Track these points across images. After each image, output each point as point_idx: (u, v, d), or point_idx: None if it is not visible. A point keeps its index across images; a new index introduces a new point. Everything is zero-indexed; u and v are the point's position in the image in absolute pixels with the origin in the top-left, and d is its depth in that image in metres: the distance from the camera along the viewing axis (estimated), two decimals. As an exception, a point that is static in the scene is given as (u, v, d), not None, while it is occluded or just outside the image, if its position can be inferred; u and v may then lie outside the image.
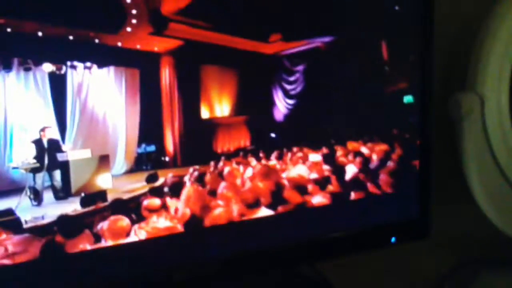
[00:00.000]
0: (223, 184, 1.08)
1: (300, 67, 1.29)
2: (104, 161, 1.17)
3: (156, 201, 1.01)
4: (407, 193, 1.04)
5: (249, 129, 1.30)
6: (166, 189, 1.07)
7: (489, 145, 0.98)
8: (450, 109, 1.00)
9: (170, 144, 1.28)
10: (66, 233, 0.93)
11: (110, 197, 1.07)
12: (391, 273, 1.17)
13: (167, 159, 1.26)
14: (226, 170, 1.15)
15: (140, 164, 1.26)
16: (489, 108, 0.96)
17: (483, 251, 1.22)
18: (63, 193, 1.13)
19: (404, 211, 1.04)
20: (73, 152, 1.16)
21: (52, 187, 1.14)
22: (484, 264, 1.20)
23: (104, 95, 1.25)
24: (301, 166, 1.13)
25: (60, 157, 1.14)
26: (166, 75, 1.26)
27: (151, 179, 1.21)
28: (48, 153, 1.13)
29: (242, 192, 1.04)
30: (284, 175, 1.13)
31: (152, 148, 1.25)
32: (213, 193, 1.06)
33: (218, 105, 1.31)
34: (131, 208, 0.99)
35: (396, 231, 1.02)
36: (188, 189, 1.03)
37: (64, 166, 1.15)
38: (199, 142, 1.29)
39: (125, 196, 1.07)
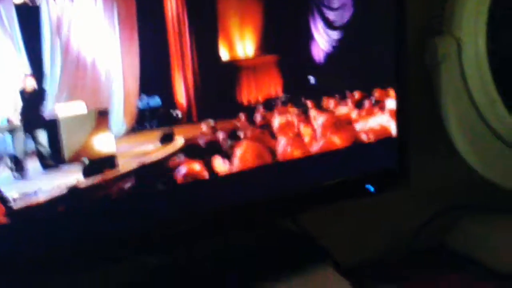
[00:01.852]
0: (282, 142, 0.88)
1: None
2: (103, 117, 0.94)
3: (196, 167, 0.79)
4: (386, 142, 1.05)
5: (281, 72, 1.08)
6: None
7: (467, 89, 1.01)
8: (427, 54, 1.03)
9: (181, 94, 1.05)
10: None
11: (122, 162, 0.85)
12: (370, 224, 1.24)
13: (179, 113, 1.03)
14: (277, 122, 0.93)
15: (143, 121, 1.03)
16: (466, 51, 0.98)
17: (463, 199, 1.26)
18: (53, 160, 0.89)
19: (383, 160, 1.06)
20: (62, 106, 0.92)
21: (37, 152, 0.90)
22: (464, 211, 1.24)
23: (91, 31, 1.00)
24: (381, 115, 0.95)
25: (44, 113, 0.90)
26: (172, 4, 1.03)
27: (166, 139, 1.01)
28: (26, 109, 0.89)
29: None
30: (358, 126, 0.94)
31: (157, 101, 1.03)
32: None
33: (241, 43, 1.09)
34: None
35: (376, 181, 1.04)
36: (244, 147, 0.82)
37: (51, 125, 0.91)
38: (219, 90, 1.08)
39: (147, 160, 0.85)
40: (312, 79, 1.11)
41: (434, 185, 1.28)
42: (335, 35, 1.12)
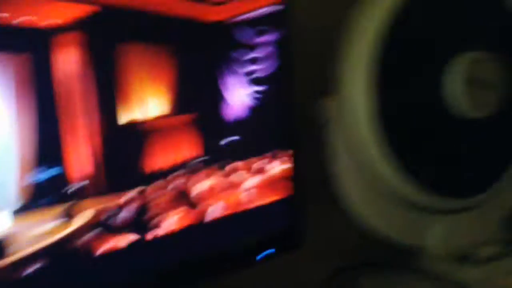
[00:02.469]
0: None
1: (269, 37, 1.03)
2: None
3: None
4: (278, 204, 1.05)
5: (199, 132, 1.00)
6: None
7: (356, 146, 1.03)
8: (314, 113, 1.06)
9: (85, 164, 0.93)
10: None
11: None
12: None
13: (83, 185, 0.92)
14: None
15: (42, 195, 0.90)
16: (353, 110, 1.01)
17: (360, 257, 1.26)
18: None
19: (277, 222, 1.05)
20: None
21: None
22: (362, 270, 1.24)
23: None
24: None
25: None
26: (71, 64, 0.91)
27: (70, 214, 0.90)
28: None
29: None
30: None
31: (56, 172, 0.90)
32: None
33: (150, 102, 0.99)
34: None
35: (269, 244, 1.04)
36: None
37: None
38: (129, 157, 0.98)
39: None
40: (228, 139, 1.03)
41: (331, 245, 1.30)
42: (255, 89, 1.05)
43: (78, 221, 0.89)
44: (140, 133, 0.98)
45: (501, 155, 1.16)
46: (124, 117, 0.96)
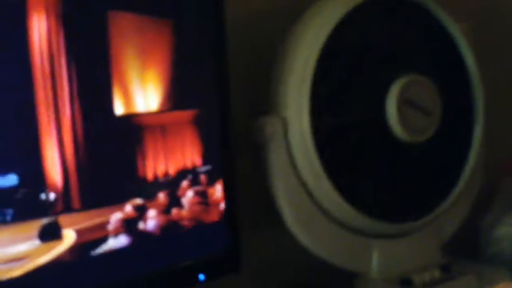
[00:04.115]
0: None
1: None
2: None
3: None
4: (213, 226, 1.00)
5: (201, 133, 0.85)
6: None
7: (294, 166, 1.06)
8: (253, 133, 1.05)
9: (55, 169, 0.74)
10: None
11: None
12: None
13: (51, 196, 0.73)
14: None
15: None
16: (292, 129, 1.04)
17: (299, 277, 1.26)
18: None
19: (212, 245, 1.00)
20: None
21: None
22: None
23: None
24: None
25: None
26: (42, 35, 0.72)
27: (50, 233, 0.72)
28: None
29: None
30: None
31: (13, 179, 0.71)
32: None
33: (142, 92, 0.80)
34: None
35: (206, 267, 1.00)
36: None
37: None
38: (113, 161, 0.79)
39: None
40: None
41: (269, 265, 1.24)
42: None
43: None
44: (133, 133, 0.80)
45: (440, 182, 1.18)
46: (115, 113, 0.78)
